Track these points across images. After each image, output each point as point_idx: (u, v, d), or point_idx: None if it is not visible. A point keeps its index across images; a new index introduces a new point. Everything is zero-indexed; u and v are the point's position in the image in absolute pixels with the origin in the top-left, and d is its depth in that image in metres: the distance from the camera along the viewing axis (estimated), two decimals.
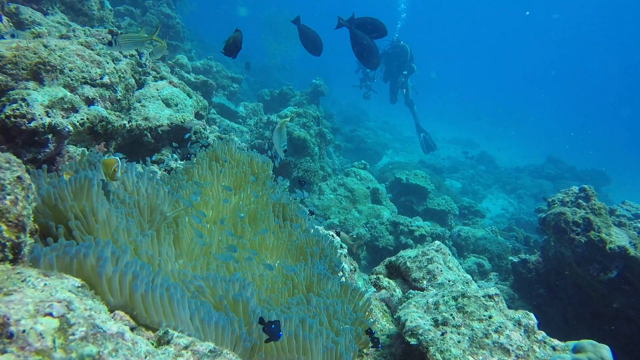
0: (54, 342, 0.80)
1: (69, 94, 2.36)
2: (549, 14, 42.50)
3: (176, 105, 3.58)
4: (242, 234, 2.12)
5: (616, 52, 41.74)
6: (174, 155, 3.36)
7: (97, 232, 1.46)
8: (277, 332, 1.31)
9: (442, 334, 1.72)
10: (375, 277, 2.72)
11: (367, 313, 1.99)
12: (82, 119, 2.40)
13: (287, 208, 2.46)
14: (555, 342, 1.75)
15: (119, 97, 2.97)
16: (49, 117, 2.09)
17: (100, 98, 2.72)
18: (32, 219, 1.23)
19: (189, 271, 1.68)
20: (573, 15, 41.89)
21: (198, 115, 4.18)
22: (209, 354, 1.09)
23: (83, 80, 2.60)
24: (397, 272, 2.74)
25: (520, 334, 1.72)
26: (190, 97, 4.00)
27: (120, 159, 1.66)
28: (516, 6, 44.67)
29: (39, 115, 2.03)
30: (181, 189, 2.13)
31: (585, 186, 4.39)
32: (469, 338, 1.70)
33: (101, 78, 2.75)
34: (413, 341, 1.74)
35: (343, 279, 2.21)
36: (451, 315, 1.80)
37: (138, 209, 1.75)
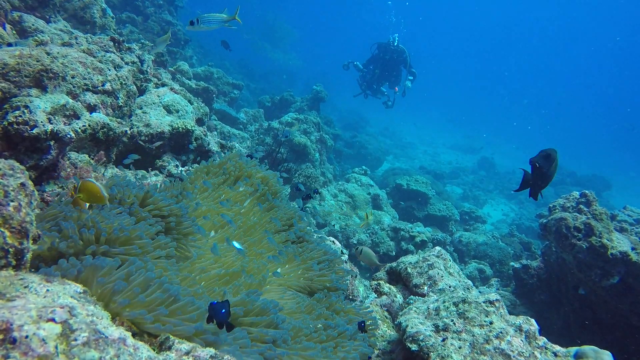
0: (56, 347, 0.81)
1: (71, 100, 2.38)
2: (540, 16, 42.74)
3: (177, 111, 3.59)
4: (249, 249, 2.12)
5: (615, 53, 41.97)
6: (176, 161, 3.37)
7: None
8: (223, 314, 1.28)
9: (443, 340, 1.72)
10: (376, 283, 2.72)
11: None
12: (83, 126, 2.41)
13: (292, 219, 2.45)
14: (557, 348, 1.75)
15: (121, 103, 2.99)
16: (51, 123, 2.10)
17: (101, 105, 2.73)
18: (35, 225, 1.23)
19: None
20: (568, 15, 42.18)
21: (199, 122, 4.20)
22: (209, 359, 1.09)
23: (85, 87, 2.61)
24: (398, 278, 2.74)
25: (522, 340, 1.71)
26: (192, 104, 4.02)
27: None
28: (506, 11, 45.10)
29: (41, 122, 2.05)
30: (185, 199, 2.14)
31: (586, 191, 4.39)
32: (470, 344, 1.69)
33: (103, 85, 2.77)
34: (414, 347, 1.73)
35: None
36: (452, 321, 1.79)
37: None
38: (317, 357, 1.55)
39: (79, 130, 2.38)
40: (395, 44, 8.83)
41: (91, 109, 2.61)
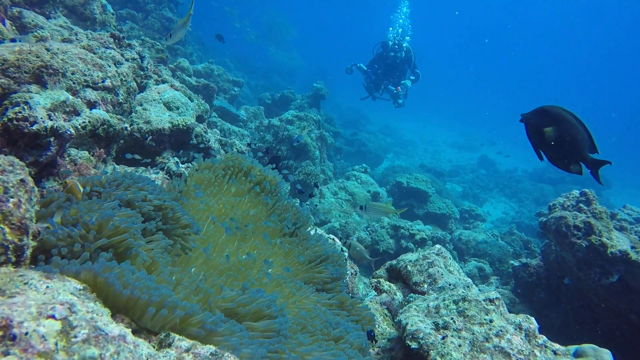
0: (56, 344, 0.80)
1: (71, 97, 2.37)
2: (540, 15, 42.95)
3: (177, 108, 3.59)
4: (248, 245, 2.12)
5: (614, 52, 41.94)
6: (176, 158, 3.37)
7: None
8: None
9: (443, 338, 1.72)
10: (376, 280, 2.72)
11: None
12: (84, 122, 2.41)
13: (293, 215, 2.44)
14: (557, 346, 1.75)
15: (121, 100, 2.98)
16: (51, 120, 2.09)
17: (102, 101, 2.73)
18: (35, 221, 1.23)
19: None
20: (568, 14, 42.21)
21: (199, 119, 4.19)
22: (210, 357, 1.09)
23: (85, 83, 2.61)
24: (397, 276, 2.74)
25: (521, 338, 1.71)
26: (192, 101, 4.01)
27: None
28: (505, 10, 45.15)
29: (41, 118, 2.04)
30: (185, 196, 2.13)
31: (586, 190, 4.39)
32: (470, 342, 1.70)
33: (103, 81, 2.76)
34: (414, 345, 1.73)
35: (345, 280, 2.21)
36: (452, 319, 1.79)
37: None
38: (315, 350, 1.54)
39: (79, 127, 2.37)
40: (398, 44, 8.65)
41: (91, 105, 2.61)
